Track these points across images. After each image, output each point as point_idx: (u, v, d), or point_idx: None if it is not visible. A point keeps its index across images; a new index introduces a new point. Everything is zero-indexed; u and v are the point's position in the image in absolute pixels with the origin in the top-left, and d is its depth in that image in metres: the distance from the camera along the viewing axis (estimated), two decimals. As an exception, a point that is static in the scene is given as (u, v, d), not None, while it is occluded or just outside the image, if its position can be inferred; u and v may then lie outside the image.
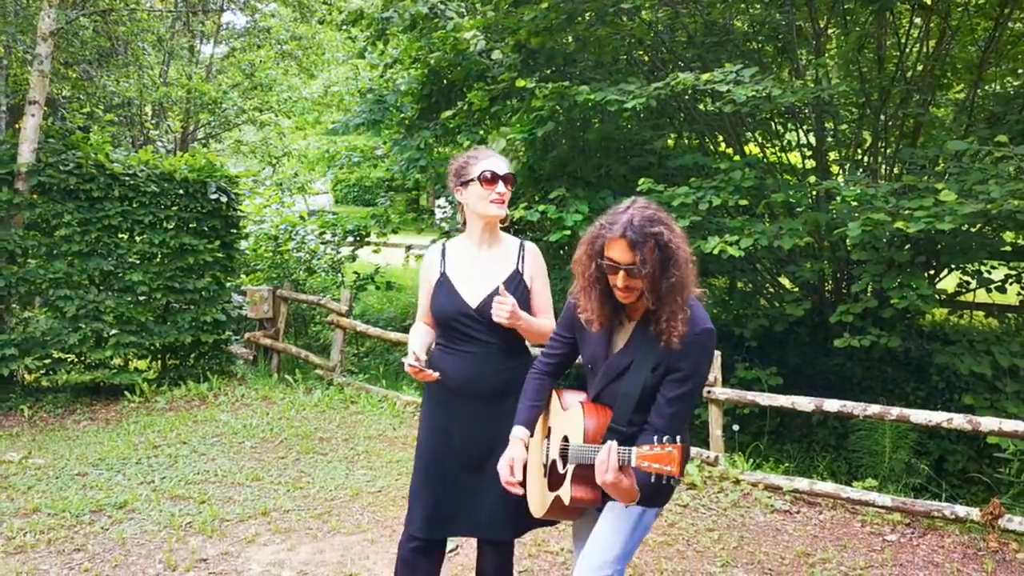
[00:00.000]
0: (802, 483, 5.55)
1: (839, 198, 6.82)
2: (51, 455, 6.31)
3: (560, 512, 2.75)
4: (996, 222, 6.99)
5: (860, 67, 8.58)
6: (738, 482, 5.70)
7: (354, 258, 11.51)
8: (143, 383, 8.27)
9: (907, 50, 8.55)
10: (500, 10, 8.43)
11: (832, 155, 9.51)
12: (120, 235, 8.40)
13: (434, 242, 9.33)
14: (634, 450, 2.31)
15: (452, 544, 4.59)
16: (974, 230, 7.43)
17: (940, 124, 8.80)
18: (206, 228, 8.90)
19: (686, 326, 2.48)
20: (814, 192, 7.66)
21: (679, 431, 2.54)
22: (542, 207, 7.61)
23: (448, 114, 8.69)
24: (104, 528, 4.83)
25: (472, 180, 3.06)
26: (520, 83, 7.53)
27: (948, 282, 8.85)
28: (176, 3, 14.61)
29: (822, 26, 8.60)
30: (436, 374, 2.98)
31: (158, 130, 16.17)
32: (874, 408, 5.29)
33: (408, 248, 19.71)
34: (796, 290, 8.94)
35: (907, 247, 7.32)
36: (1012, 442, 5.93)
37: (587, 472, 2.51)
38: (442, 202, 10.48)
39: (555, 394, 2.87)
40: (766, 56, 9.35)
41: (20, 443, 6.77)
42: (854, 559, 4.58)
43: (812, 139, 9.13)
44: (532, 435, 2.87)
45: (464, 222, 3.21)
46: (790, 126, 9.52)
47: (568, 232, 7.46)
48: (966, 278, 8.27)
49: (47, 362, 8.08)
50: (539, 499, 2.84)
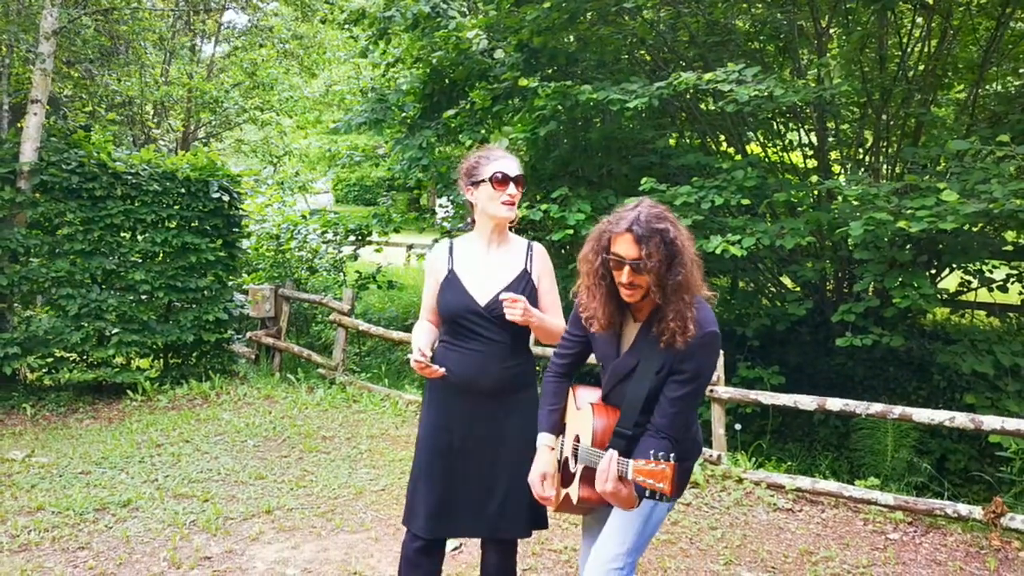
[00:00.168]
0: (804, 482, 5.56)
1: (840, 197, 6.83)
2: (54, 454, 6.32)
3: (569, 507, 2.77)
4: (997, 221, 7.00)
5: (862, 67, 8.58)
6: (741, 481, 5.71)
7: (356, 257, 11.51)
8: (145, 382, 8.28)
9: (909, 50, 8.55)
10: (502, 9, 8.44)
11: (834, 155, 9.51)
12: (122, 234, 8.42)
13: (437, 241, 9.34)
14: (631, 463, 2.33)
15: (456, 542, 4.60)
16: (975, 229, 7.44)
17: (942, 124, 8.81)
18: (208, 227, 8.91)
19: (693, 326, 2.47)
20: (816, 192, 7.66)
21: (681, 431, 2.57)
22: (544, 206, 7.60)
23: (450, 113, 8.69)
24: (108, 526, 4.84)
25: (483, 181, 3.04)
26: (523, 82, 7.54)
27: (949, 281, 8.86)
28: (178, 2, 14.60)
29: (824, 26, 8.61)
30: (442, 370, 2.96)
31: (159, 129, 16.17)
32: (877, 407, 5.29)
33: (409, 247, 19.80)
34: (798, 289, 8.94)
35: (908, 247, 7.32)
36: (1014, 441, 5.94)
37: (594, 474, 2.52)
38: (444, 201, 10.47)
39: (571, 391, 2.88)
40: (767, 56, 9.36)
41: (23, 442, 6.78)
42: (857, 557, 4.59)
43: (814, 139, 9.14)
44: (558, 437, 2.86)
45: (471, 221, 3.21)
46: (792, 126, 9.53)
47: (570, 231, 7.46)
48: (967, 277, 8.27)
49: (49, 361, 8.10)
50: (558, 494, 2.86)
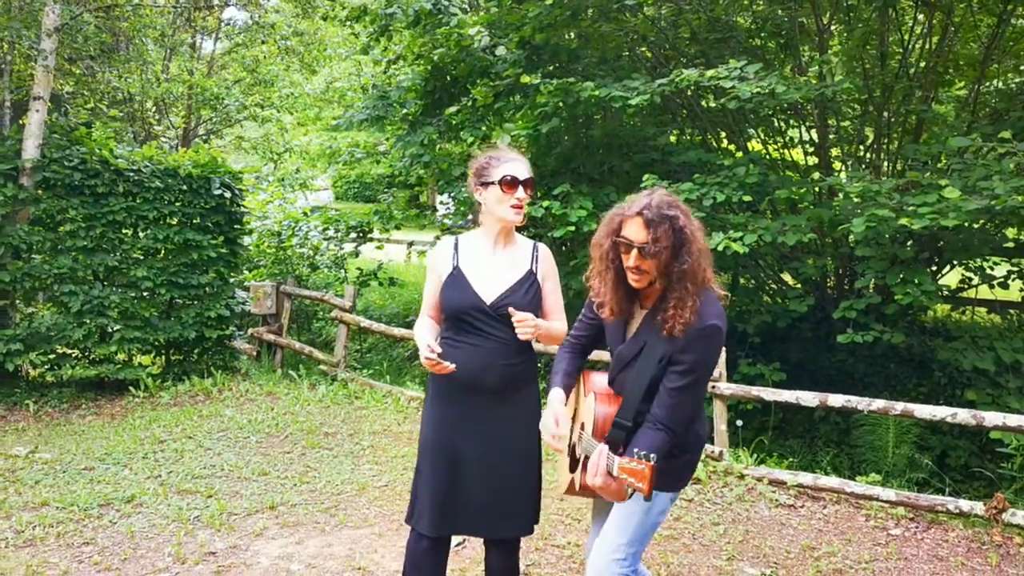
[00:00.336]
0: (806, 478, 5.58)
1: (842, 194, 6.84)
2: (57, 450, 6.33)
3: (577, 492, 2.79)
4: (999, 218, 7.01)
5: (863, 64, 8.59)
6: (742, 477, 5.73)
7: (357, 254, 11.53)
8: (147, 378, 8.28)
9: (910, 46, 8.56)
10: (504, 6, 8.44)
11: (835, 152, 9.52)
12: (124, 231, 8.41)
13: (438, 238, 9.35)
14: (617, 460, 2.36)
15: (459, 538, 4.61)
16: (976, 226, 7.45)
17: (943, 121, 8.82)
18: (210, 224, 8.90)
19: (695, 316, 2.49)
20: (817, 188, 7.67)
21: (681, 423, 2.57)
22: (546, 203, 7.61)
23: (452, 110, 8.70)
24: (112, 522, 4.85)
25: (493, 183, 3.04)
26: (525, 79, 7.54)
27: (950, 278, 8.87)
28: (178, -1, 14.61)
29: (825, 22, 8.62)
30: (452, 365, 2.94)
31: (160, 126, 16.16)
32: (878, 403, 5.31)
33: (410, 244, 19.79)
34: (798, 286, 8.96)
35: (910, 243, 7.33)
36: (1015, 437, 5.96)
37: None
38: (444, 198, 10.48)
39: (583, 377, 2.90)
40: (769, 52, 9.36)
41: (26, 438, 6.79)
42: (859, 553, 4.61)
43: (815, 135, 9.15)
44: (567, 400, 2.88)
45: (472, 218, 3.21)
46: (793, 123, 9.54)
47: (572, 228, 7.47)
48: (968, 274, 8.29)
49: (52, 357, 8.09)
50: (563, 477, 2.88)
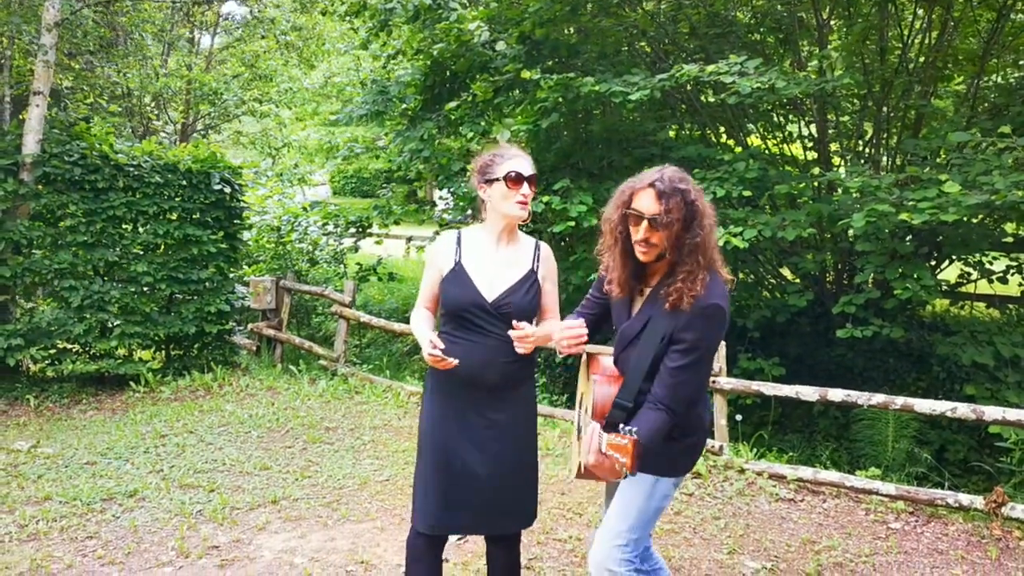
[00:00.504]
0: (806, 472, 5.60)
1: (841, 189, 6.85)
2: (59, 444, 6.34)
3: (588, 477, 2.77)
4: (998, 213, 7.03)
5: (863, 59, 8.60)
6: (743, 471, 5.75)
7: (356, 249, 11.53)
8: (148, 373, 8.29)
9: (909, 41, 8.56)
10: (503, 1, 8.44)
11: (834, 146, 9.54)
12: (124, 226, 8.42)
13: (437, 233, 9.35)
14: (605, 436, 2.38)
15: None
16: (975, 221, 7.47)
17: (942, 116, 8.83)
18: (210, 219, 8.90)
19: (703, 290, 2.50)
20: (816, 183, 7.69)
21: (682, 403, 2.57)
22: (546, 198, 7.62)
23: (452, 105, 8.69)
24: (115, 516, 4.86)
25: (497, 179, 3.05)
26: (525, 74, 7.54)
27: (949, 273, 8.88)
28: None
29: (825, 18, 8.62)
30: (455, 361, 2.94)
31: (159, 121, 16.14)
32: (878, 398, 5.33)
33: (408, 240, 19.80)
34: (797, 281, 8.97)
35: (909, 238, 7.35)
36: (1014, 431, 5.98)
37: None
38: (444, 193, 10.47)
39: (590, 360, 2.90)
40: (768, 47, 9.37)
41: (28, 432, 6.80)
42: (859, 546, 4.63)
43: (814, 130, 9.15)
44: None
45: (471, 214, 3.22)
46: (792, 118, 9.55)
47: (572, 223, 7.48)
48: (967, 269, 8.31)
49: (52, 352, 8.10)
50: (573, 461, 2.90)
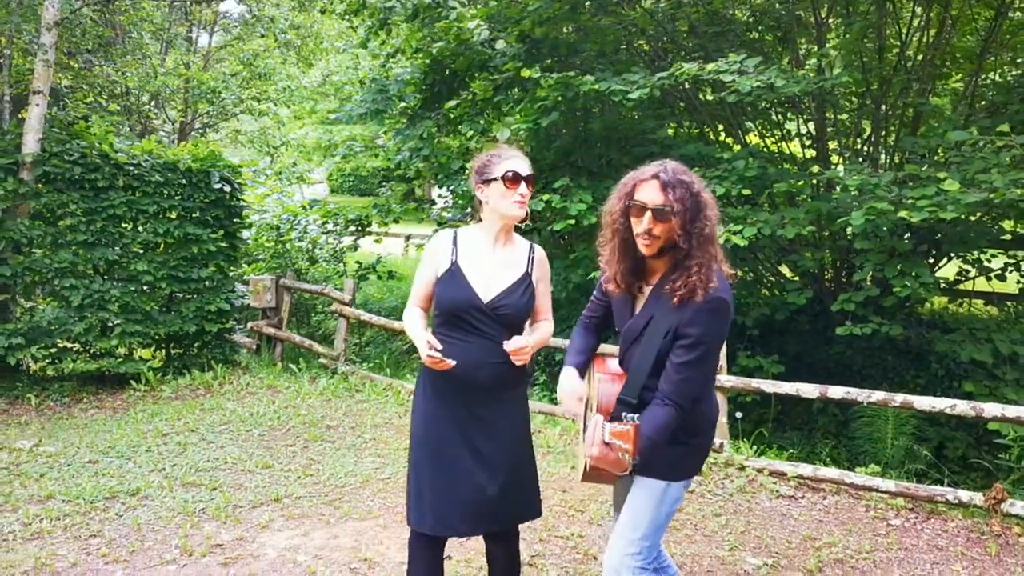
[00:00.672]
0: (806, 469, 5.62)
1: (840, 187, 6.87)
2: (61, 443, 6.35)
3: (594, 477, 2.78)
4: (996, 211, 7.05)
5: (861, 57, 8.61)
6: (743, 468, 5.77)
7: (356, 248, 11.54)
8: (148, 372, 8.30)
9: (907, 40, 8.58)
10: (503, 0, 8.45)
11: (832, 144, 9.56)
12: (124, 225, 8.43)
13: (436, 232, 9.35)
14: (608, 426, 2.37)
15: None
16: (974, 219, 7.49)
17: (940, 114, 8.85)
18: (209, 218, 8.91)
19: (716, 281, 2.50)
20: (815, 181, 7.70)
21: (688, 399, 2.57)
22: (546, 196, 7.64)
23: (451, 104, 8.70)
24: (119, 514, 4.88)
25: (495, 179, 3.07)
26: (525, 73, 7.56)
27: (948, 270, 8.91)
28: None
29: (823, 16, 8.64)
30: (453, 361, 2.96)
31: (158, 120, 16.13)
32: (878, 395, 5.35)
33: (407, 238, 19.81)
34: (796, 279, 8.99)
35: (908, 236, 7.37)
36: (1013, 428, 6.00)
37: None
38: (443, 192, 10.48)
39: (595, 362, 2.91)
40: (766, 46, 9.38)
41: (30, 431, 6.81)
42: (859, 543, 4.66)
43: (812, 128, 9.17)
44: (583, 377, 2.90)
45: (470, 214, 3.23)
46: (790, 116, 9.56)
47: (572, 221, 7.49)
48: (966, 267, 8.33)
49: (53, 351, 8.11)
50: (579, 462, 2.90)
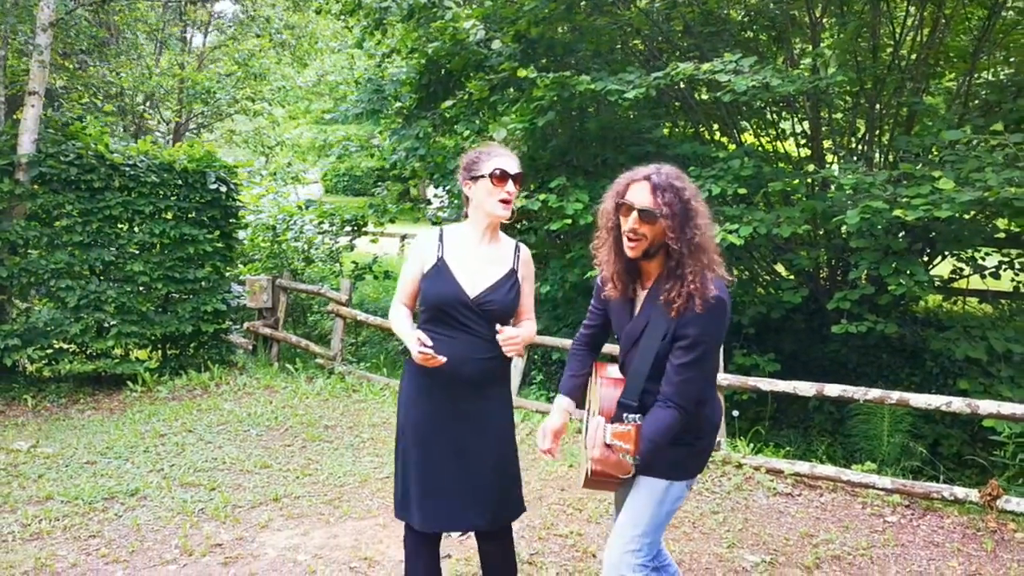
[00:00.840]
0: (803, 466, 5.65)
1: (835, 186, 6.90)
2: (59, 444, 6.35)
3: (596, 485, 2.77)
4: (990, 209, 7.08)
5: (856, 56, 8.65)
6: (740, 466, 5.80)
7: (352, 248, 11.55)
8: (145, 373, 8.30)
9: (901, 39, 8.62)
10: (498, 0, 8.46)
11: (826, 143, 9.59)
12: (120, 225, 8.43)
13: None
14: (609, 427, 2.37)
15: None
16: (968, 217, 7.53)
17: (934, 113, 8.89)
18: (205, 218, 8.92)
19: (712, 287, 2.50)
20: (810, 180, 7.73)
21: (691, 401, 2.57)
22: (543, 196, 7.65)
23: (447, 104, 8.71)
24: (118, 515, 4.88)
25: (482, 176, 3.07)
26: (522, 73, 7.57)
27: (942, 268, 8.94)
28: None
29: (818, 16, 8.67)
30: (443, 358, 2.95)
31: (153, 120, 16.09)
32: (874, 392, 5.38)
33: (403, 238, 19.80)
34: (792, 278, 9.02)
35: (902, 234, 7.40)
36: (1008, 425, 6.03)
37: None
38: (440, 191, 10.49)
39: (597, 368, 2.92)
40: (761, 45, 9.41)
41: (27, 432, 6.81)
42: (856, 539, 4.68)
43: (807, 127, 9.20)
44: (577, 405, 2.91)
45: (466, 213, 3.23)
46: (785, 115, 9.59)
47: (569, 221, 7.51)
48: (960, 265, 8.37)
49: (49, 352, 8.12)
50: (582, 467, 2.90)
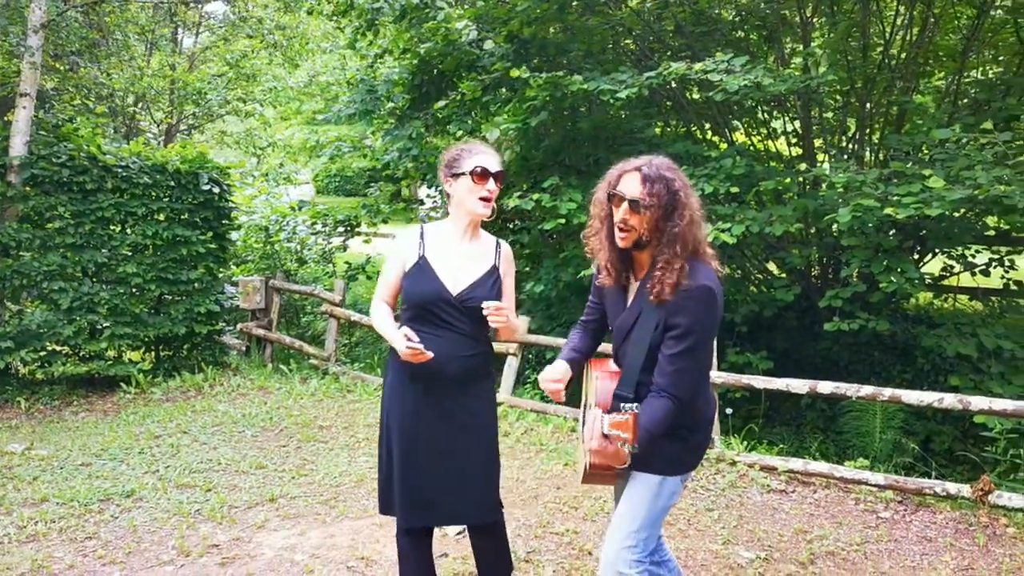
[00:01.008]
0: (796, 463, 5.69)
1: (826, 185, 6.94)
2: (53, 446, 6.34)
3: (594, 479, 2.79)
4: (980, 207, 7.13)
5: (846, 56, 8.70)
6: (734, 463, 5.83)
7: (345, 248, 11.55)
8: (139, 374, 8.29)
9: (891, 38, 8.67)
10: (490, 1, 8.47)
11: (817, 142, 9.63)
12: (113, 227, 8.42)
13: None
14: (606, 418, 2.39)
15: (460, 527, 4.66)
16: (958, 215, 7.58)
17: (924, 111, 8.94)
18: (198, 219, 8.91)
19: (685, 279, 2.53)
20: (801, 179, 7.77)
21: (685, 392, 2.59)
22: (536, 195, 7.66)
23: (440, 104, 8.72)
24: (114, 516, 4.88)
25: (463, 174, 3.09)
26: (514, 73, 7.58)
27: (932, 266, 9.00)
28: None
29: (808, 15, 8.71)
30: (431, 353, 2.97)
31: (145, 121, 16.05)
32: (867, 389, 5.42)
33: (395, 238, 19.82)
34: (784, 276, 9.06)
35: (893, 232, 7.45)
36: (999, 421, 6.08)
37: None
38: (432, 191, 10.51)
39: (591, 363, 2.92)
40: (752, 45, 9.45)
41: (21, 434, 6.79)
42: (850, 535, 4.72)
43: (798, 126, 9.24)
44: (572, 374, 2.88)
45: (447, 210, 3.25)
46: (776, 114, 9.64)
47: (562, 220, 7.52)
48: (950, 262, 8.42)
49: (42, 354, 8.08)
50: (580, 463, 2.92)
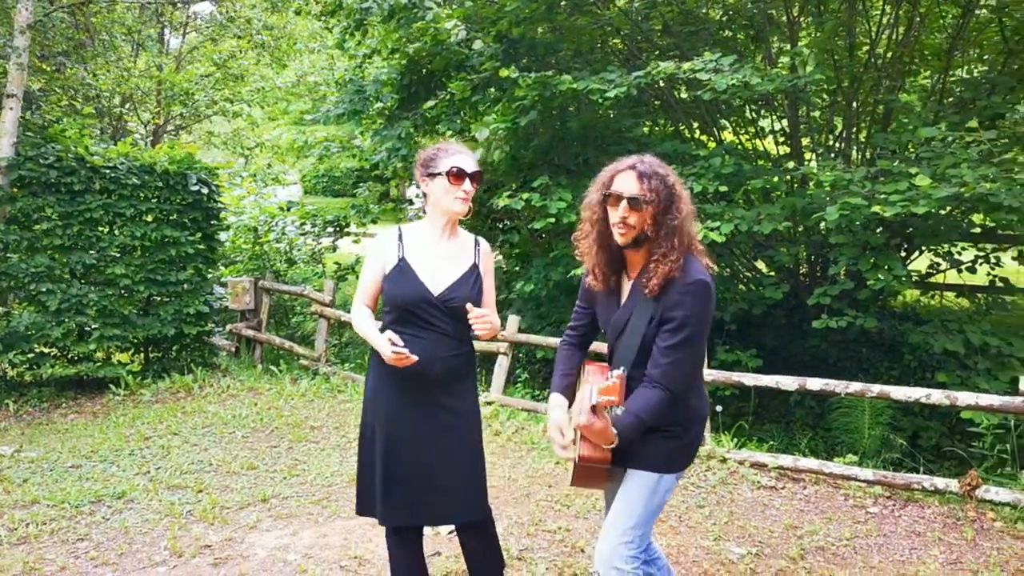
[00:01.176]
0: (786, 460, 5.73)
1: (814, 183, 6.99)
2: (42, 448, 6.32)
3: (584, 479, 2.78)
4: (966, 205, 7.19)
5: (833, 55, 8.75)
6: (724, 460, 5.87)
7: (334, 249, 11.54)
8: (128, 376, 8.26)
9: (877, 37, 8.73)
10: (479, 1, 8.48)
11: (804, 140, 9.69)
12: (101, 228, 8.39)
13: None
14: (594, 387, 2.40)
15: (450, 527, 4.67)
16: (944, 213, 7.64)
17: (910, 110, 9.01)
18: (187, 220, 8.88)
19: (678, 273, 2.57)
20: (789, 177, 7.82)
21: (677, 384, 2.60)
22: (526, 195, 7.69)
23: (429, 104, 8.73)
24: (105, 518, 4.87)
25: (439, 174, 3.09)
26: (503, 73, 7.59)
27: (919, 263, 9.06)
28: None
29: (795, 15, 8.76)
30: (416, 357, 2.96)
31: (132, 122, 15.97)
32: (855, 386, 5.47)
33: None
34: (772, 274, 9.11)
35: (880, 230, 7.50)
36: (986, 416, 6.14)
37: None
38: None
39: (585, 365, 2.94)
40: (739, 44, 9.49)
41: (9, 437, 6.76)
42: (840, 531, 4.76)
43: (786, 125, 9.30)
44: (570, 404, 2.89)
45: (424, 210, 3.25)
46: (763, 113, 9.69)
47: (552, 220, 7.55)
48: (937, 259, 8.49)
49: (30, 356, 8.04)
50: (571, 465, 2.92)
